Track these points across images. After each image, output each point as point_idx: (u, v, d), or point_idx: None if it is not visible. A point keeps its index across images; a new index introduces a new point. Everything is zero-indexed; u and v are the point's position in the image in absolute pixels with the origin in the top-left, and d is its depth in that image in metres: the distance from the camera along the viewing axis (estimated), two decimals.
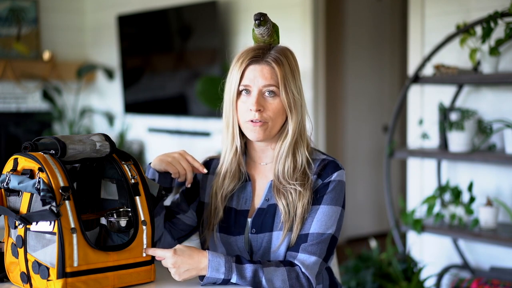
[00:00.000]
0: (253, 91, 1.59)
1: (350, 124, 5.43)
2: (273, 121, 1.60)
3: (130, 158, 1.54)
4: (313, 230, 1.58)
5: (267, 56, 1.60)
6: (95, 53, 6.08)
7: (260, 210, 1.65)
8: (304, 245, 1.57)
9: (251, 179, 1.70)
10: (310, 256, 1.56)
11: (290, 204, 1.59)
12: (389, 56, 5.57)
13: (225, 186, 1.68)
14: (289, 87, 1.59)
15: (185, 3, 4.95)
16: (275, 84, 1.58)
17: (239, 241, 1.65)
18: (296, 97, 1.60)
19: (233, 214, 1.68)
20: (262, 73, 1.59)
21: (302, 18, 4.19)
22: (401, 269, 3.13)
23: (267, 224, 1.62)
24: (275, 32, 1.64)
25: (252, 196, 1.68)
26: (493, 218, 2.93)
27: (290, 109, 1.60)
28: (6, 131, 5.82)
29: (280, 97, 1.59)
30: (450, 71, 3.00)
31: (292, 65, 1.61)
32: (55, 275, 1.36)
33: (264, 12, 1.64)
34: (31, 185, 1.39)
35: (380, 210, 5.41)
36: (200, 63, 4.93)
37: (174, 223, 1.77)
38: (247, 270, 1.51)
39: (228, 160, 1.68)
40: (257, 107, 1.58)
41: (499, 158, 2.86)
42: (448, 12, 3.33)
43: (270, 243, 1.61)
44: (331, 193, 1.61)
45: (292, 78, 1.60)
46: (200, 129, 5.04)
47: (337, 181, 1.62)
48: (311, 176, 1.62)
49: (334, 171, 1.63)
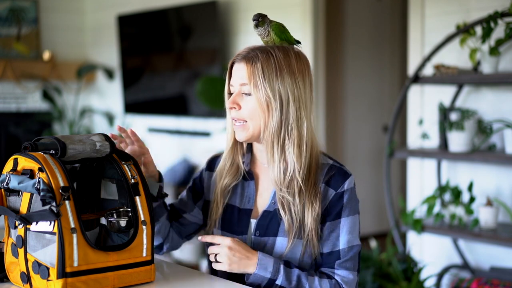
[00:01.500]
0: (235, 90, 1.61)
1: (350, 124, 5.43)
2: (251, 120, 1.58)
3: (130, 158, 1.54)
4: (342, 246, 1.58)
5: (248, 53, 1.59)
6: (95, 53, 6.08)
7: (266, 213, 1.63)
8: (338, 262, 1.58)
9: (255, 177, 1.69)
10: (348, 272, 1.58)
11: (294, 216, 1.57)
12: (389, 56, 5.57)
13: (222, 181, 1.69)
14: (261, 85, 1.54)
15: (185, 3, 4.95)
16: (246, 82, 1.57)
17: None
18: (273, 95, 1.55)
19: (236, 213, 1.67)
20: (238, 72, 1.59)
21: (302, 18, 4.19)
22: (401, 269, 3.13)
23: (272, 228, 1.61)
24: (273, 32, 1.63)
25: (255, 195, 1.67)
26: (493, 218, 2.93)
27: (264, 108, 1.56)
28: (6, 131, 5.82)
29: (253, 95, 1.57)
30: (450, 71, 3.00)
31: (274, 61, 1.56)
32: (55, 275, 1.36)
33: (263, 13, 1.64)
34: (31, 185, 1.39)
35: (380, 210, 5.41)
36: (200, 63, 4.93)
37: (181, 222, 1.78)
38: (293, 274, 1.53)
39: (225, 155, 1.70)
40: (231, 105, 1.59)
41: (499, 158, 2.86)
42: (448, 12, 3.33)
43: (272, 247, 1.60)
44: (348, 203, 1.60)
45: (269, 75, 1.55)
46: (200, 129, 5.04)
47: (350, 189, 1.61)
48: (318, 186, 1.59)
49: (344, 179, 1.60)
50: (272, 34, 1.62)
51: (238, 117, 1.59)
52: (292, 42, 1.65)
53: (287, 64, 1.57)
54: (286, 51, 1.59)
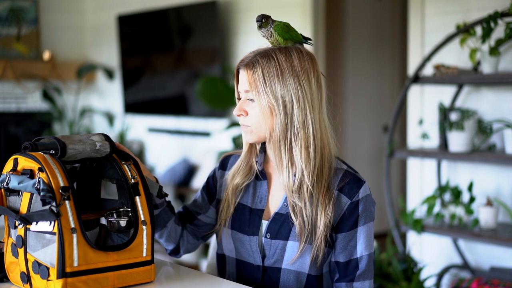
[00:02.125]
0: (241, 96, 1.62)
1: (350, 124, 5.43)
2: (255, 125, 1.58)
3: (130, 158, 1.54)
4: (360, 254, 1.58)
5: (250, 59, 1.58)
6: (95, 53, 6.08)
7: (277, 216, 1.61)
8: (358, 273, 1.58)
9: (268, 177, 1.67)
10: (364, 281, 1.59)
11: (305, 219, 1.56)
12: (389, 56, 5.57)
13: (234, 179, 1.68)
14: (263, 91, 1.54)
15: (185, 3, 4.95)
16: (249, 89, 1.57)
17: (253, 242, 1.62)
18: (275, 100, 1.53)
19: (247, 213, 1.66)
20: (242, 79, 1.60)
21: (302, 18, 4.19)
22: (401, 269, 3.13)
23: (283, 232, 1.59)
24: (276, 33, 1.61)
25: (268, 195, 1.66)
26: (493, 218, 2.93)
27: (265, 114, 1.55)
28: (6, 131, 5.82)
29: (256, 102, 1.56)
30: (450, 71, 3.00)
31: (275, 65, 1.54)
32: (55, 275, 1.36)
33: (267, 14, 1.62)
34: (31, 185, 1.39)
35: (380, 210, 5.38)
36: (200, 63, 4.93)
37: (195, 224, 1.76)
38: None
39: (242, 155, 1.69)
40: (237, 112, 1.60)
41: (499, 158, 2.86)
42: (448, 12, 3.33)
43: (284, 251, 1.59)
44: (363, 212, 1.58)
45: (270, 80, 1.53)
46: (200, 129, 5.04)
47: (365, 197, 1.59)
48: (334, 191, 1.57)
49: (359, 187, 1.58)
50: (275, 35, 1.59)
51: (245, 124, 1.60)
52: (300, 41, 1.62)
53: (289, 65, 1.55)
54: (288, 52, 1.57)
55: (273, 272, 1.60)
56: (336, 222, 1.57)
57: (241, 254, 1.65)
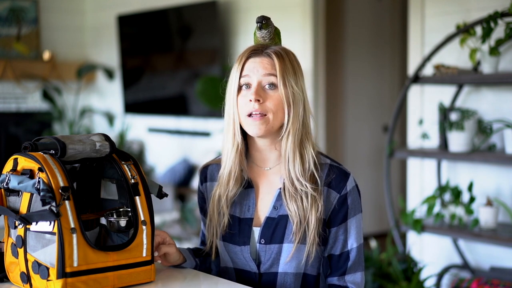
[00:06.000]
0: (253, 83, 1.56)
1: (350, 124, 5.42)
2: (273, 114, 1.54)
3: (130, 158, 1.54)
4: (350, 246, 1.61)
5: (267, 49, 1.59)
6: (95, 53, 6.08)
7: (269, 220, 1.60)
8: (349, 264, 1.60)
9: (254, 185, 1.64)
10: (356, 273, 1.61)
11: (301, 212, 1.55)
12: (389, 56, 5.57)
13: (230, 188, 1.62)
14: (288, 81, 1.55)
15: (185, 3, 4.95)
16: (274, 74, 1.55)
17: (245, 251, 1.60)
18: (296, 93, 1.55)
19: (237, 223, 1.63)
20: (262, 64, 1.56)
21: (302, 18, 4.19)
22: (401, 269, 3.13)
23: (278, 235, 1.58)
24: (276, 35, 1.65)
25: (256, 203, 1.63)
26: (493, 218, 2.93)
27: (288, 104, 1.55)
28: (6, 131, 5.82)
29: (279, 90, 1.55)
30: (450, 71, 3.00)
31: (293, 63, 1.58)
32: (55, 275, 1.36)
33: (268, 16, 1.63)
34: (31, 185, 1.39)
35: (380, 210, 5.41)
36: (200, 63, 4.93)
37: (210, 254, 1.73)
38: None
39: (231, 159, 1.60)
40: (256, 97, 1.53)
41: (499, 158, 2.86)
42: (448, 12, 3.33)
43: (280, 254, 1.58)
44: (353, 205, 1.60)
45: (293, 73, 1.56)
46: (200, 129, 5.04)
47: (352, 189, 1.61)
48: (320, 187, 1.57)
49: (345, 180, 1.59)
50: (276, 38, 1.64)
51: (261, 111, 1.54)
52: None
53: (299, 64, 1.61)
54: (293, 54, 1.63)
55: (270, 276, 1.60)
56: (327, 216, 1.59)
57: (237, 263, 1.64)
